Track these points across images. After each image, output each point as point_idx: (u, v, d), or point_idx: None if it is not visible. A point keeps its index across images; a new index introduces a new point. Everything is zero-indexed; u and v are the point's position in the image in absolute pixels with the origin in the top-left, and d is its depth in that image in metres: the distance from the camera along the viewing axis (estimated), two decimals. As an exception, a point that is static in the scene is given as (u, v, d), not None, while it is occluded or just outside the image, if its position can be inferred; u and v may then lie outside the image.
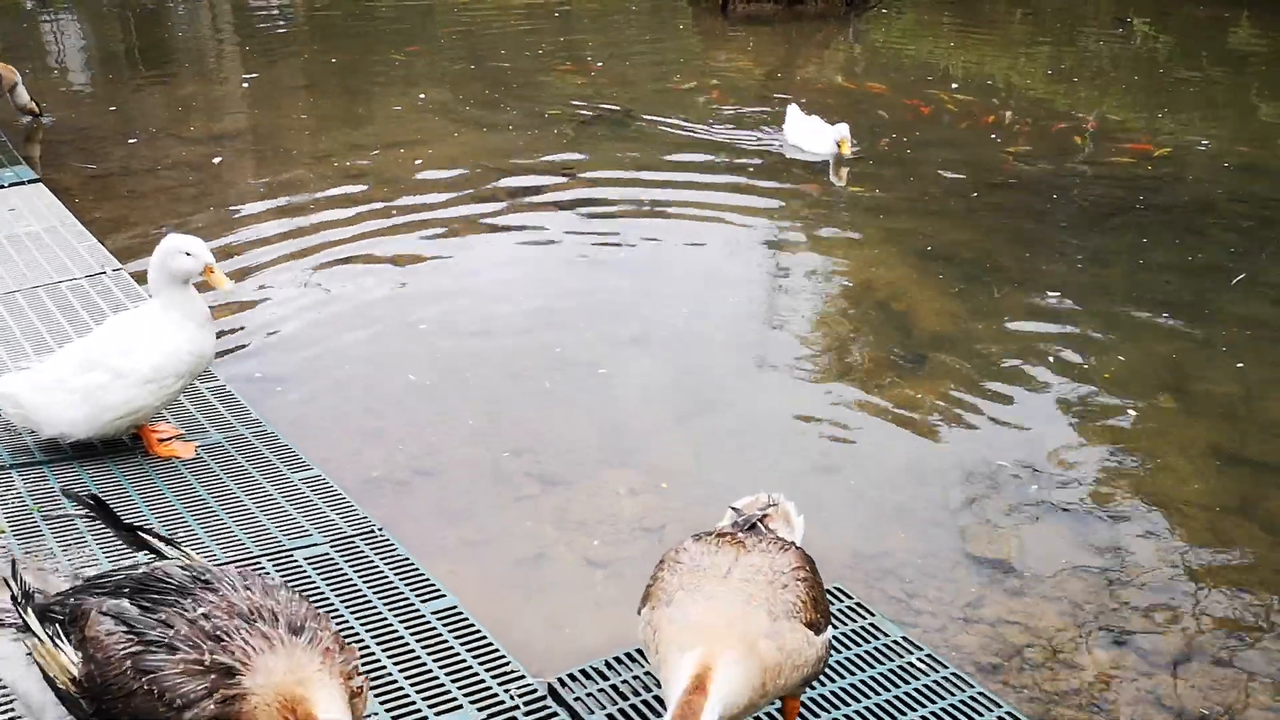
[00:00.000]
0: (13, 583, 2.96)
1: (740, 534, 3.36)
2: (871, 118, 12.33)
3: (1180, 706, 4.33)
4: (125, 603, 2.77)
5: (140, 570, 2.87)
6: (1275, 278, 8.18)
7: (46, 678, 2.85)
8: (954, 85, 13.89)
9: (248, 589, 2.77)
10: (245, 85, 14.27)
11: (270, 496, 4.87)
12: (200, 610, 2.69)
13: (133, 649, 2.65)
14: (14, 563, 3.04)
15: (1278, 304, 7.80)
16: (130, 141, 11.39)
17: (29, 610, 2.88)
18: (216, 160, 10.66)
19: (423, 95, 13.34)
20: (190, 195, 9.72)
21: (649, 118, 12.21)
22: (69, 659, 2.76)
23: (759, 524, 3.50)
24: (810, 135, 10.97)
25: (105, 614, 2.75)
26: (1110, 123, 12.30)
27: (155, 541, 3.09)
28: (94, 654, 2.70)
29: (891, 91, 13.50)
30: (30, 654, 2.89)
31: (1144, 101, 13.42)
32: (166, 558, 3.05)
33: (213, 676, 2.58)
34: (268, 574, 3.91)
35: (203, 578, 2.79)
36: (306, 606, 2.80)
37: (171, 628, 2.66)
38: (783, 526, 3.59)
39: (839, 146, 10.67)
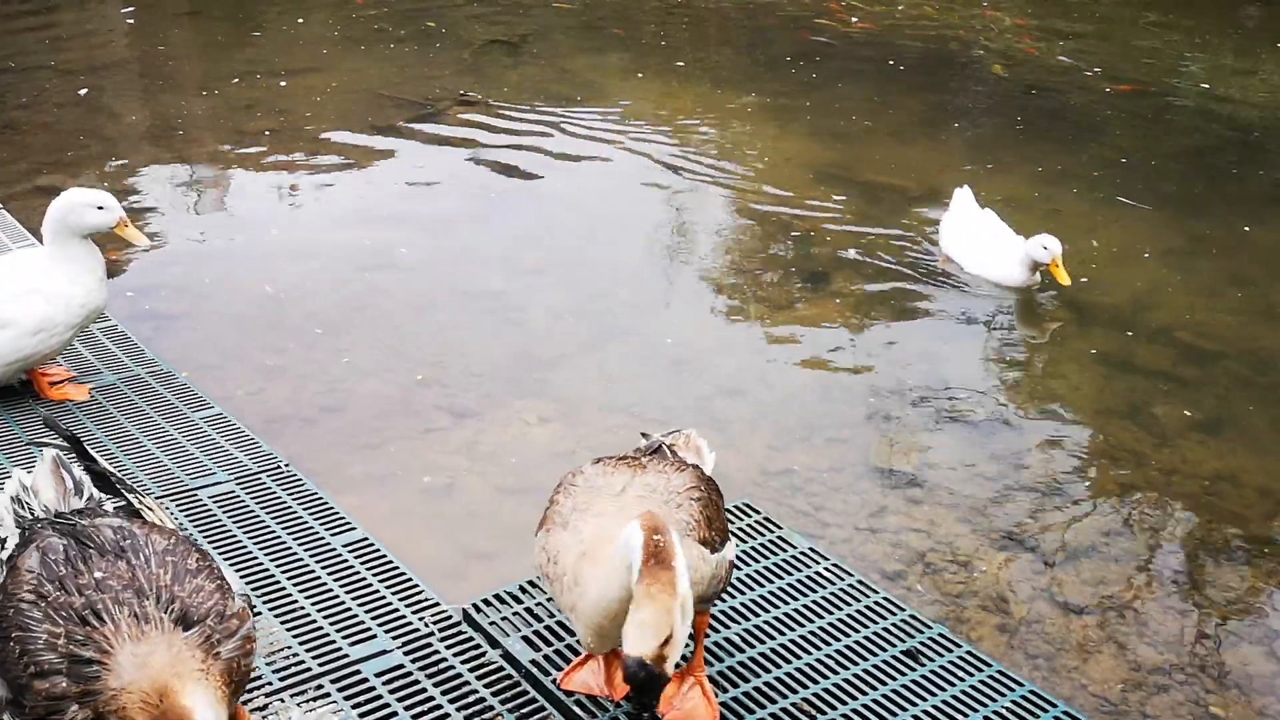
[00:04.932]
0: None
1: (642, 457, 3.34)
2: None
3: (1071, 600, 4.54)
4: (61, 545, 2.67)
5: (85, 521, 2.78)
6: (1181, 197, 8.44)
7: None
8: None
9: (161, 568, 2.65)
10: (127, 13, 13.65)
11: (171, 437, 4.76)
12: (96, 576, 2.59)
13: (27, 598, 2.58)
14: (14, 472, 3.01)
15: (1172, 219, 8.06)
16: (4, 76, 10.84)
17: None
18: (82, 92, 10.19)
19: (301, 20, 12.90)
20: (71, 130, 9.32)
21: (546, 42, 12.01)
22: None
23: (665, 448, 3.47)
24: (986, 255, 7.03)
25: (39, 549, 2.67)
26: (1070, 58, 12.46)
27: (125, 491, 3.00)
28: (7, 583, 2.65)
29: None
30: None
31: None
32: (133, 507, 2.96)
33: (69, 662, 2.50)
34: (198, 543, 3.73)
35: (124, 543, 2.69)
36: (215, 602, 2.65)
37: (62, 590, 2.57)
38: (692, 456, 3.55)
39: (1051, 272, 6.75)
